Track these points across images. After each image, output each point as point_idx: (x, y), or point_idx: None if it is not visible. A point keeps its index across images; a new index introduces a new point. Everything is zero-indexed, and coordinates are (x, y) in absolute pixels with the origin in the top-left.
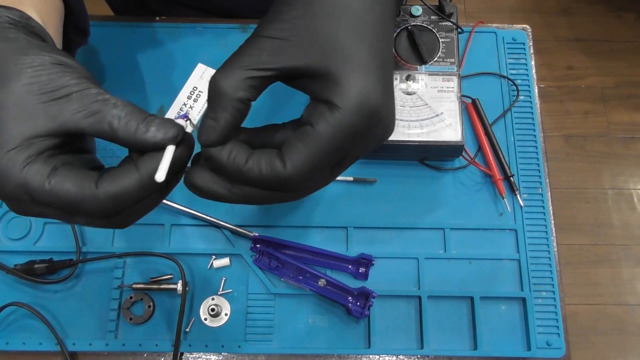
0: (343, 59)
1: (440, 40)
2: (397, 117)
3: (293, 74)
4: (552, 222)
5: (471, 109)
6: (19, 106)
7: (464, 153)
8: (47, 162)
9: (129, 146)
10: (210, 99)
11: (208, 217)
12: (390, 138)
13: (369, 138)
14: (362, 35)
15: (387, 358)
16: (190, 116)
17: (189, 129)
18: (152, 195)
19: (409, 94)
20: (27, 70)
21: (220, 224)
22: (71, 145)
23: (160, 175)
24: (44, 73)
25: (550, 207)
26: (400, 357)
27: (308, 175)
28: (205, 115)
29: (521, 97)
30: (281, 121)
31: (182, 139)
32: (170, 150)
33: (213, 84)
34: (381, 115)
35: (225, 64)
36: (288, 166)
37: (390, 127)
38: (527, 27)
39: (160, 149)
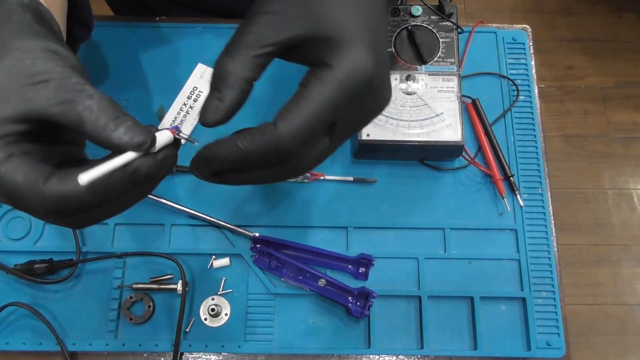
0: (335, 27)
1: (440, 40)
2: (397, 117)
3: (291, 45)
4: (552, 222)
5: (471, 109)
6: None
7: (464, 153)
8: (6, 148)
9: (94, 142)
10: (215, 81)
11: (208, 217)
12: (390, 138)
13: (362, 105)
14: (351, 6)
15: (387, 358)
16: (183, 127)
17: (182, 141)
18: (106, 204)
19: (409, 94)
20: (15, 53)
21: (220, 224)
22: (47, 134)
23: (84, 178)
24: (29, 57)
25: (550, 207)
26: (400, 357)
27: (302, 135)
28: (209, 97)
29: (521, 97)
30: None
31: (150, 151)
32: (124, 157)
33: (220, 66)
34: (373, 83)
35: (230, 45)
36: (280, 126)
37: (385, 98)
38: (527, 27)
39: (122, 152)
